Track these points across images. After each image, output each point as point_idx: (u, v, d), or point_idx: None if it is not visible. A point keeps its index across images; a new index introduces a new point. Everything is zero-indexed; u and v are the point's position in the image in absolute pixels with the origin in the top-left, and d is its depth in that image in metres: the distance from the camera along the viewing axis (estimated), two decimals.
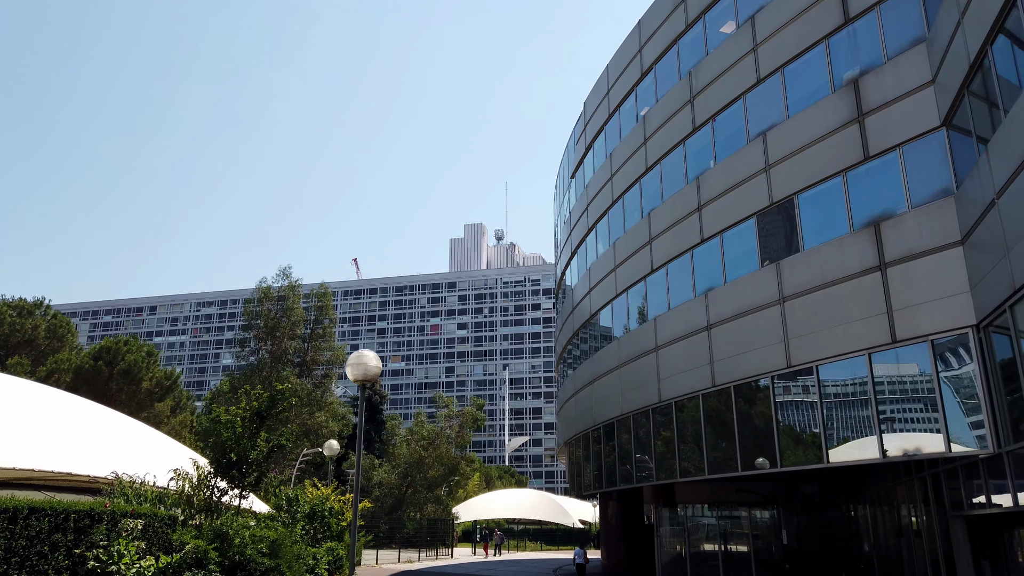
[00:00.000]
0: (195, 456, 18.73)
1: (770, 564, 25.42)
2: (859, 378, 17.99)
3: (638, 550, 32.62)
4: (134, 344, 37.81)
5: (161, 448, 22.77)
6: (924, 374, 16.62)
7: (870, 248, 17.99)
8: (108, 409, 25.00)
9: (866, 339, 17.69)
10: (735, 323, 22.00)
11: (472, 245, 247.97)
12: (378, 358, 12.29)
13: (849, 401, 18.47)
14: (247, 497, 18.92)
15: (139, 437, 23.24)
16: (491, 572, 35.67)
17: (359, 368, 11.96)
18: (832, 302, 18.79)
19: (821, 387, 18.94)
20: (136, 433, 23.58)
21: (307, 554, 20.09)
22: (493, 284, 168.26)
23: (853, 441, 18.29)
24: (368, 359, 12.08)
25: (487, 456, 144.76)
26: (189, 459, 18.96)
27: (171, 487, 18.41)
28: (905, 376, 17.11)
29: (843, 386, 18.64)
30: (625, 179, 29.61)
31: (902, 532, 22.05)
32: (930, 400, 16.43)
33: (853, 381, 18.28)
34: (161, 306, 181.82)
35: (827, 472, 25.06)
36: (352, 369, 11.93)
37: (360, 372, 11.93)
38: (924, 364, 16.59)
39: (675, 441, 24.58)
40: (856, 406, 18.22)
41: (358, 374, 11.93)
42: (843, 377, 18.60)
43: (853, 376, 18.24)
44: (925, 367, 16.56)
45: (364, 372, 11.95)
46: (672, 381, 24.83)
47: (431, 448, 59.97)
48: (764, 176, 21.58)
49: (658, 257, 26.43)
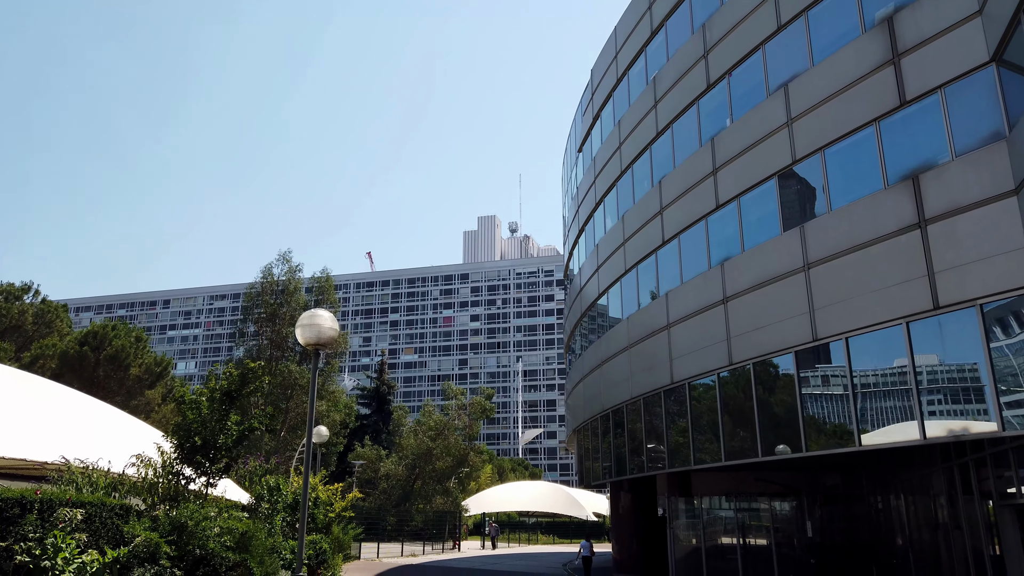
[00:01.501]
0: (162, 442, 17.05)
1: (793, 559, 23.47)
2: (895, 351, 15.97)
3: (651, 543, 30.75)
4: (122, 328, 36.31)
5: (132, 433, 21.16)
6: (971, 344, 14.57)
7: (908, 204, 15.95)
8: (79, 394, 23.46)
9: (904, 306, 15.67)
10: (754, 295, 20.03)
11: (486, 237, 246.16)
12: (335, 320, 10.45)
13: (884, 377, 16.46)
14: (215, 485, 17.24)
15: (109, 422, 21.65)
16: (496, 567, 33.94)
17: (311, 330, 10.14)
18: (864, 267, 16.77)
19: (851, 362, 16.93)
20: (106, 418, 21.99)
21: (285, 547, 18.40)
22: (506, 275, 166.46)
23: (889, 422, 16.28)
24: (322, 319, 10.26)
25: (501, 448, 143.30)
26: (155, 444, 17.28)
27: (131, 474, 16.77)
28: (949, 347, 15.08)
29: (877, 360, 16.63)
30: (634, 147, 27.62)
31: (939, 524, 20.02)
32: (978, 373, 14.40)
33: (888, 354, 16.26)
34: (175, 300, 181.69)
35: (854, 459, 23.10)
36: (303, 331, 10.12)
37: (312, 334, 10.12)
38: (971, 332, 14.54)
39: (689, 426, 22.67)
40: (892, 382, 16.21)
41: (310, 336, 10.11)
42: (877, 350, 16.58)
43: (888, 349, 16.22)
44: (972, 336, 14.51)
45: (317, 335, 10.14)
46: (685, 361, 22.89)
47: (439, 439, 58.32)
48: (786, 132, 19.54)
49: (670, 227, 24.45)
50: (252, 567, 15.51)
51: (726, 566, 24.44)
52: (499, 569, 32.50)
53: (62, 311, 37.78)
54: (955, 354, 14.95)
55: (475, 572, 29.88)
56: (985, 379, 14.16)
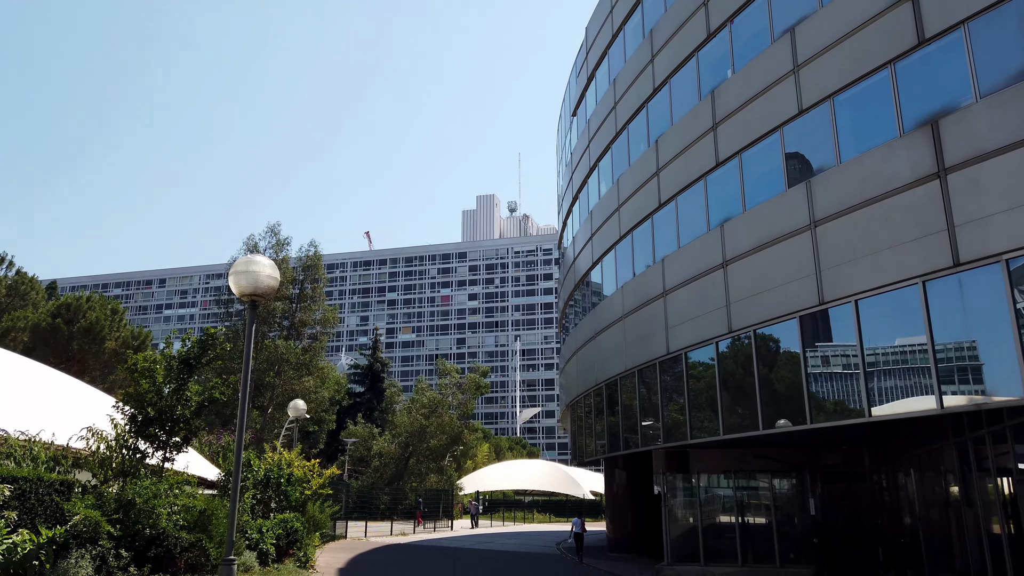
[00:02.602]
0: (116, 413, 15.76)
1: (794, 538, 22.31)
2: (910, 313, 14.62)
3: (647, 522, 29.65)
4: (97, 300, 34.90)
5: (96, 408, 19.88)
6: (995, 303, 13.21)
7: (925, 152, 14.53)
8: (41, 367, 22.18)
9: (920, 264, 14.31)
10: (756, 257, 18.66)
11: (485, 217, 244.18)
12: (275, 267, 9.07)
13: (896, 342, 15.13)
14: (173, 460, 15.98)
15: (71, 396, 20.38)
16: (487, 546, 32.87)
17: (247, 277, 8.76)
18: (876, 222, 15.38)
19: (861, 326, 15.59)
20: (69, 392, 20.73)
21: (252, 526, 17.19)
22: (504, 254, 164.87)
23: (902, 392, 14.97)
24: (259, 266, 8.88)
25: (499, 428, 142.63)
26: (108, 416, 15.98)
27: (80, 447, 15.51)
28: (971, 307, 13.73)
29: (889, 324, 15.29)
30: (630, 105, 26.09)
31: (949, 502, 18.81)
32: (1002, 336, 13.05)
33: (902, 317, 14.92)
34: (171, 279, 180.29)
35: (859, 435, 21.90)
36: (237, 279, 8.74)
37: (248, 283, 8.75)
38: (995, 291, 13.18)
39: (686, 399, 21.41)
40: (906, 348, 14.88)
41: (245, 285, 8.74)
42: (889, 313, 15.24)
43: (902, 311, 14.87)
44: (997, 294, 13.15)
45: (254, 283, 8.77)
46: (682, 330, 21.57)
47: (433, 416, 57.22)
48: (792, 80, 18.06)
49: (666, 189, 23.02)
50: (208, 547, 14.28)
51: (724, 545, 23.29)
52: (490, 548, 31.43)
53: (36, 283, 36.34)
54: (977, 315, 13.60)
55: (459, 552, 28.79)
56: (1010, 342, 12.83)
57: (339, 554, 24.10)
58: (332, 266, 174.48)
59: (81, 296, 34.71)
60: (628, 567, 24.83)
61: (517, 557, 27.98)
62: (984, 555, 16.05)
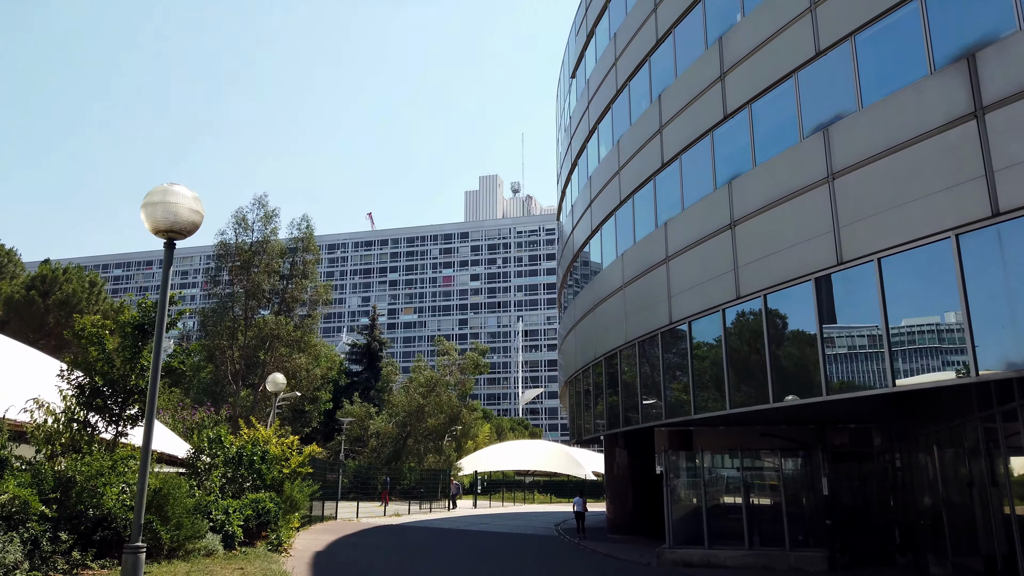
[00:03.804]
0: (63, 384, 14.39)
1: (804, 519, 20.96)
2: (940, 270, 13.10)
3: (648, 503, 28.33)
4: (74, 272, 33.51)
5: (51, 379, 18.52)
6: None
7: (960, 90, 12.93)
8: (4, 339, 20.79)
9: (952, 216, 12.77)
10: (767, 216, 17.12)
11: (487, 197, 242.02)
12: (198, 201, 7.58)
13: (924, 303, 13.63)
14: (126, 435, 14.61)
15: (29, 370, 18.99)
16: (484, 528, 31.65)
17: (163, 209, 7.26)
18: (902, 172, 13.83)
19: (884, 288, 14.07)
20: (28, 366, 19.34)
21: (217, 507, 15.84)
22: (507, 234, 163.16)
23: (930, 359, 13.49)
24: (178, 196, 7.39)
25: (501, 409, 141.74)
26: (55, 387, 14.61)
27: (24, 420, 14.14)
28: (1011, 262, 12.20)
29: (916, 284, 13.78)
30: (632, 60, 24.42)
31: (972, 482, 17.40)
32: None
33: (931, 275, 13.40)
34: None
35: (872, 410, 20.49)
36: (149, 211, 7.24)
37: (165, 216, 7.26)
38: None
39: (689, 371, 19.96)
40: (935, 309, 13.38)
41: (159, 218, 7.25)
42: (916, 272, 13.72)
43: (931, 269, 13.35)
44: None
45: (172, 217, 7.29)
46: (685, 297, 20.08)
47: (431, 395, 55.99)
48: (808, 19, 16.41)
49: (670, 147, 21.42)
50: (159, 530, 12.92)
51: (729, 526, 21.95)
52: (485, 530, 30.18)
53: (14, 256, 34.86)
54: (1018, 270, 12.07)
55: (451, 533, 27.54)
56: None
57: (323, 536, 22.84)
58: (333, 246, 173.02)
59: (58, 268, 33.32)
60: (628, 549, 23.54)
61: (513, 539, 26.73)
62: (1013, 537, 14.67)
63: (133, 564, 6.67)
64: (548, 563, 19.68)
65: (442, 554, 19.66)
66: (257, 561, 14.50)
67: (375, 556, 18.06)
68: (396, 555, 18.80)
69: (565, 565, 19.11)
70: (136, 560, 6.72)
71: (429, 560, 18.11)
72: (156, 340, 7.55)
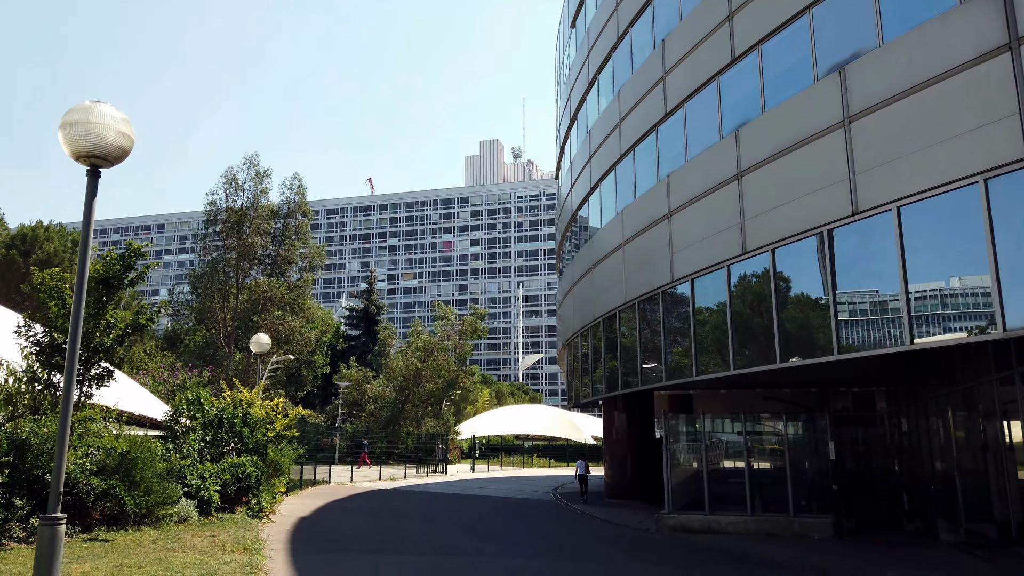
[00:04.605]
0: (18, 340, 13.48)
1: (808, 484, 20.22)
2: (965, 218, 12.07)
3: (647, 467, 27.66)
4: (55, 231, 32.50)
5: None
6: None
7: (994, 19, 11.77)
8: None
9: (981, 158, 11.70)
10: (776, 164, 16.03)
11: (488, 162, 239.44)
12: (128, 123, 6.54)
13: (946, 255, 12.63)
14: (92, 396, 13.75)
15: None
16: (479, 491, 31.08)
17: (85, 131, 6.26)
18: (926, 112, 12.73)
19: (903, 239, 13.06)
20: None
21: (192, 472, 15.05)
22: (507, 199, 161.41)
23: (953, 314, 12.53)
24: (102, 116, 6.36)
25: (502, 374, 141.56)
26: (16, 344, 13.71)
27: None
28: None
29: (937, 234, 12.76)
30: (634, 4, 23.07)
31: (987, 446, 16.61)
32: None
33: (955, 224, 12.38)
34: (169, 224, 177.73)
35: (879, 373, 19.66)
36: (71, 131, 6.22)
37: (87, 139, 6.24)
38: None
39: (691, 331, 19.05)
40: (958, 260, 12.38)
41: (82, 141, 6.23)
42: (937, 221, 12.69)
43: (956, 217, 12.32)
44: None
45: (95, 140, 6.27)
46: (688, 254, 19.07)
47: (429, 360, 55.31)
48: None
49: (674, 95, 20.23)
50: (122, 496, 12.11)
51: (731, 491, 21.23)
52: (480, 494, 29.60)
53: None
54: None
55: (445, 498, 26.92)
56: None
57: (312, 500, 22.17)
58: (332, 211, 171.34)
59: (39, 225, 32.26)
60: (626, 514, 22.89)
61: (508, 503, 26.11)
62: None
63: (50, 537, 5.75)
64: (542, 528, 18.99)
65: (432, 520, 18.96)
66: (233, 528, 13.73)
67: (360, 523, 17.34)
68: (380, 522, 18.09)
69: (559, 531, 18.41)
70: (53, 533, 5.80)
71: (417, 525, 17.40)
72: (79, 278, 6.57)
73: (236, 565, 9.79)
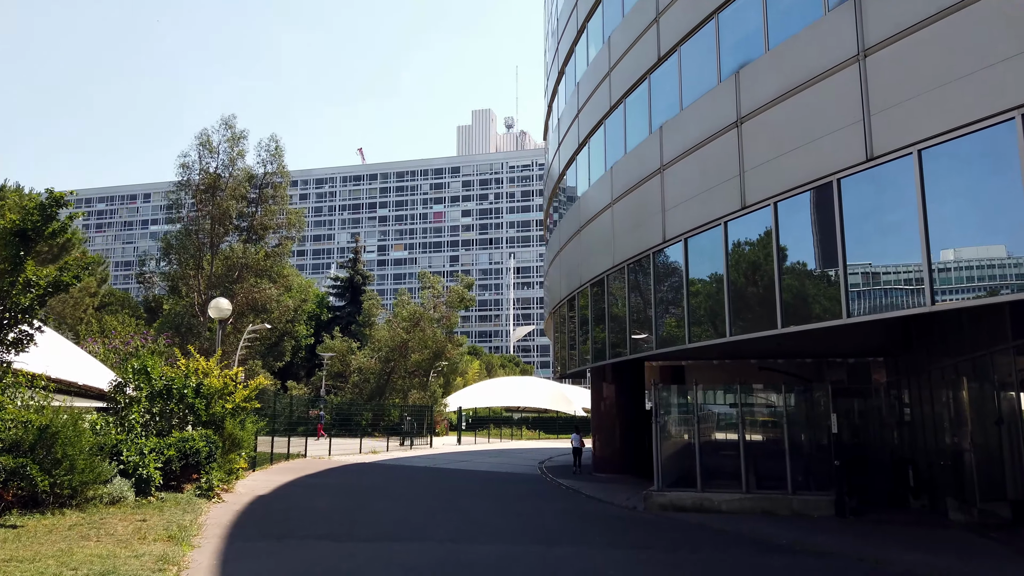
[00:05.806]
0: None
1: (805, 458, 18.96)
2: (995, 162, 10.58)
3: (636, 440, 26.41)
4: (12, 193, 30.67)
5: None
6: None
7: None
8: None
9: (1015, 91, 10.17)
10: (781, 108, 14.46)
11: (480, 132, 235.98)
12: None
13: (973, 203, 11.14)
14: (11, 362, 12.20)
15: None
16: (462, 465, 29.84)
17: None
18: (951, 42, 11.15)
19: (924, 186, 11.56)
20: None
21: (131, 447, 13.57)
22: (499, 169, 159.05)
23: (980, 272, 11.08)
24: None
25: (493, 346, 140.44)
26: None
27: None
28: None
29: (962, 180, 11.26)
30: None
31: (1003, 418, 15.29)
32: None
33: (984, 169, 10.88)
34: (155, 193, 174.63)
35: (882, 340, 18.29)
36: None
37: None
38: None
39: (684, 296, 17.59)
40: (987, 209, 10.90)
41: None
42: (963, 165, 11.19)
43: (985, 160, 10.82)
44: None
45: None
46: (682, 211, 17.55)
47: (415, 330, 53.88)
48: None
49: (668, 37, 18.54)
50: (34, 475, 10.63)
51: (724, 463, 19.94)
52: (463, 468, 28.35)
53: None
54: None
55: (423, 472, 25.63)
56: None
57: (278, 476, 20.79)
58: (321, 180, 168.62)
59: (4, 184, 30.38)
60: (614, 490, 21.65)
61: (491, 478, 24.85)
62: None
63: None
64: (520, 505, 17.69)
65: (402, 498, 17.61)
66: (170, 510, 12.30)
67: (323, 502, 15.96)
68: (349, 499, 16.72)
69: (540, 510, 17.10)
70: None
71: (386, 505, 16.04)
72: None
73: (148, 559, 8.36)
